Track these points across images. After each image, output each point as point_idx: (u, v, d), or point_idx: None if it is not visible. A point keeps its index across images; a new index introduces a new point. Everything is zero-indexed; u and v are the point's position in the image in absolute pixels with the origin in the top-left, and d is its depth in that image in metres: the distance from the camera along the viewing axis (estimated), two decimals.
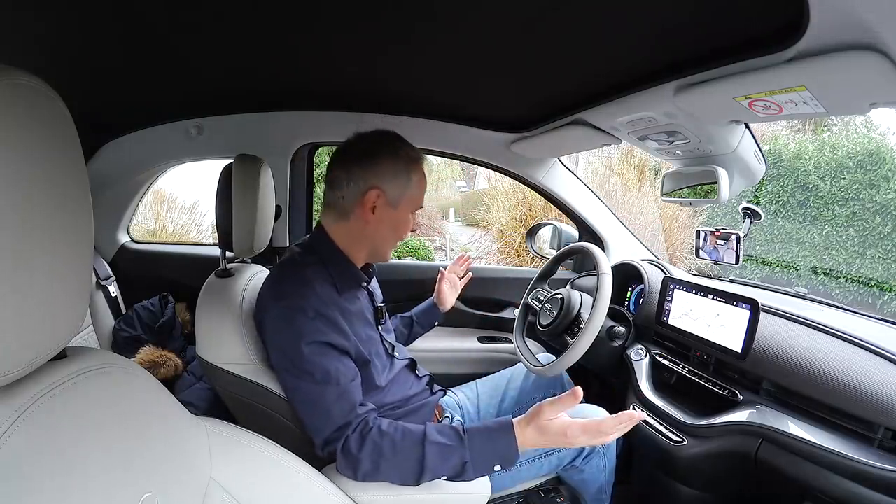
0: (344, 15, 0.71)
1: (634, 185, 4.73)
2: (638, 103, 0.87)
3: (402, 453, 0.73)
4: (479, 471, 0.74)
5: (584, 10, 0.62)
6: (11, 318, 0.36)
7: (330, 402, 0.75)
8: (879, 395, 0.73)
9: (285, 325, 0.77)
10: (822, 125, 5.81)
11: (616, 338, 1.18)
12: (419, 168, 0.88)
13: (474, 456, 0.73)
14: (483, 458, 0.73)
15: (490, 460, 0.74)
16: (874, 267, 4.22)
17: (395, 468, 0.73)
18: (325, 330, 0.77)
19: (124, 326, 1.51)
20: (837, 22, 0.47)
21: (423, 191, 0.90)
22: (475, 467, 0.73)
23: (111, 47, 0.86)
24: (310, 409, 0.77)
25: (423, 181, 0.89)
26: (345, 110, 1.39)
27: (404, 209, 0.87)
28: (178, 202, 4.49)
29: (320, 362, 0.76)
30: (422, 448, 0.73)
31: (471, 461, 0.73)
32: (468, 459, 0.72)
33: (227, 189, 0.95)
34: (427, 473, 0.73)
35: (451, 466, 0.73)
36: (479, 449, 0.73)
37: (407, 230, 0.90)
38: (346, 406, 0.76)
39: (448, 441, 0.74)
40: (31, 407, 0.39)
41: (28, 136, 0.36)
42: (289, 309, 0.77)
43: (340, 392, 0.76)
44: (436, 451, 0.73)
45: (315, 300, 0.78)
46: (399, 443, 0.74)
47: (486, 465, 0.74)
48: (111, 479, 0.42)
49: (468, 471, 0.73)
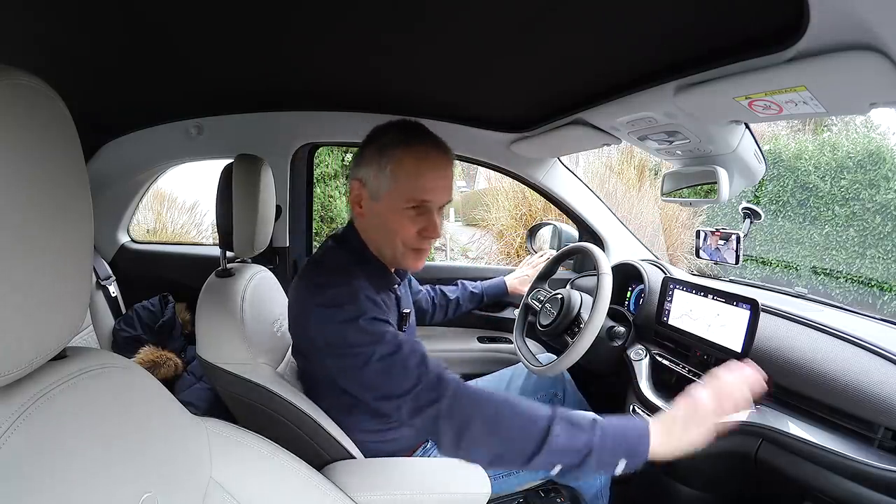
0: (344, 15, 0.71)
1: (634, 185, 4.73)
2: (638, 103, 0.87)
3: (525, 423, 0.64)
4: (602, 464, 0.64)
5: (584, 10, 0.62)
6: (11, 318, 0.36)
7: (406, 357, 0.68)
8: (879, 395, 0.73)
9: (335, 311, 0.72)
10: (822, 125, 5.80)
11: (616, 338, 1.18)
12: (402, 152, 0.76)
13: (603, 443, 0.64)
14: (611, 448, 0.64)
15: (617, 453, 0.64)
16: (874, 267, 4.22)
17: (510, 440, 0.64)
18: (376, 310, 0.74)
19: (124, 326, 1.51)
20: (837, 22, 0.47)
21: (421, 180, 0.77)
22: (598, 459, 0.64)
23: (111, 47, 0.86)
24: (383, 376, 0.68)
25: (414, 167, 0.76)
26: (345, 110, 1.39)
27: (388, 202, 0.78)
28: (178, 202, 4.49)
29: (382, 329, 0.71)
30: (549, 423, 0.64)
31: (597, 449, 0.63)
32: (595, 446, 0.63)
33: (227, 189, 0.95)
34: (545, 454, 0.63)
35: (575, 451, 0.63)
36: (609, 438, 0.64)
37: (405, 230, 0.79)
38: (429, 360, 0.69)
39: (579, 421, 0.65)
40: (31, 407, 0.39)
41: (28, 136, 0.36)
42: (337, 295, 0.73)
43: (412, 348, 0.70)
44: (564, 429, 0.64)
45: (361, 288, 0.75)
46: (525, 411, 0.65)
47: (611, 457, 0.64)
48: (111, 478, 0.42)
49: (589, 462, 0.63)
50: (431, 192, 0.78)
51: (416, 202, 0.77)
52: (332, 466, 0.81)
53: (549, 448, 0.63)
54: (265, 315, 0.97)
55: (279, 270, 1.47)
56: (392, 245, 0.81)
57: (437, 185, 0.78)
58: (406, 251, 0.81)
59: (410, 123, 0.81)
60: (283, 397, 0.84)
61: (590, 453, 0.63)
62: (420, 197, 0.77)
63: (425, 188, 0.77)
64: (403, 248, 0.81)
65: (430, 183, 0.77)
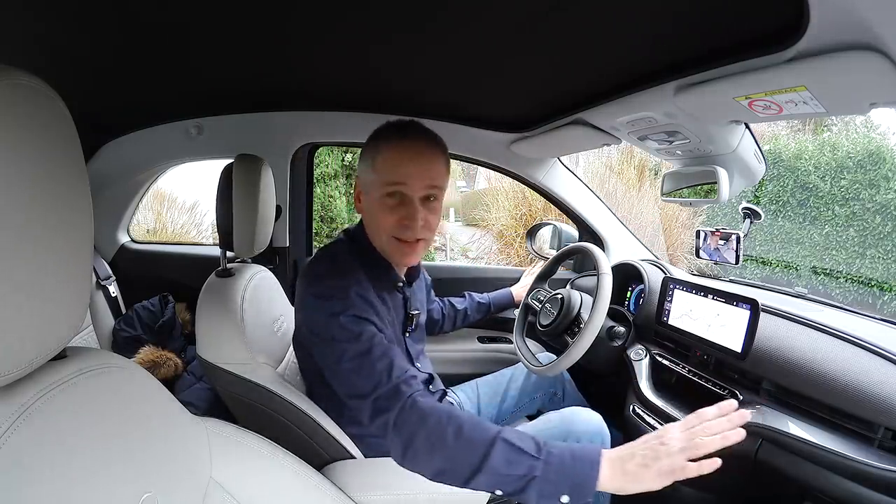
0: (344, 15, 0.71)
1: (634, 185, 4.74)
2: (638, 103, 0.87)
3: (467, 443, 0.63)
4: (544, 496, 0.60)
5: (584, 10, 0.62)
6: (12, 318, 0.36)
7: (374, 360, 0.69)
8: (879, 395, 0.73)
9: (326, 301, 0.75)
10: (822, 125, 5.81)
11: (616, 338, 1.18)
12: (385, 145, 0.79)
13: (546, 474, 0.60)
14: (555, 480, 0.60)
15: (560, 486, 0.60)
16: (874, 267, 4.22)
17: (451, 458, 0.63)
18: (364, 308, 0.76)
19: (124, 326, 1.51)
20: (837, 22, 0.47)
21: (400, 170, 0.77)
22: (540, 489, 0.60)
23: (111, 47, 0.86)
24: (352, 375, 0.70)
25: (394, 157, 0.78)
26: (345, 110, 1.39)
27: (373, 194, 0.80)
28: (178, 202, 4.49)
29: (360, 329, 0.73)
30: (491, 444, 0.62)
31: (540, 478, 0.60)
32: (537, 474, 0.60)
33: (227, 189, 0.95)
34: (482, 475, 0.61)
35: (515, 477, 0.61)
36: (554, 467, 0.61)
37: (385, 220, 0.79)
38: (395, 369, 0.69)
39: (522, 445, 0.62)
40: (32, 407, 0.39)
41: (28, 136, 0.36)
42: (331, 288, 0.76)
43: (384, 352, 0.71)
44: (504, 452, 0.62)
45: (356, 284, 0.77)
46: (467, 431, 0.63)
47: (554, 489, 0.60)
48: (111, 478, 0.42)
49: (530, 490, 0.60)
50: (407, 177, 0.77)
51: (391, 188, 0.78)
52: (332, 466, 0.82)
53: (488, 470, 0.61)
54: (265, 315, 0.97)
55: (279, 270, 1.47)
56: (378, 237, 0.83)
57: (413, 171, 0.78)
58: (391, 243, 0.82)
59: (404, 121, 0.82)
60: (283, 397, 0.84)
61: (531, 481, 0.60)
62: (394, 180, 0.78)
63: (400, 174, 0.77)
64: (387, 239, 0.82)
65: (407, 169, 0.77)
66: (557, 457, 0.62)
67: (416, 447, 0.64)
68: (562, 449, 0.63)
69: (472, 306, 1.35)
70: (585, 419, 1.01)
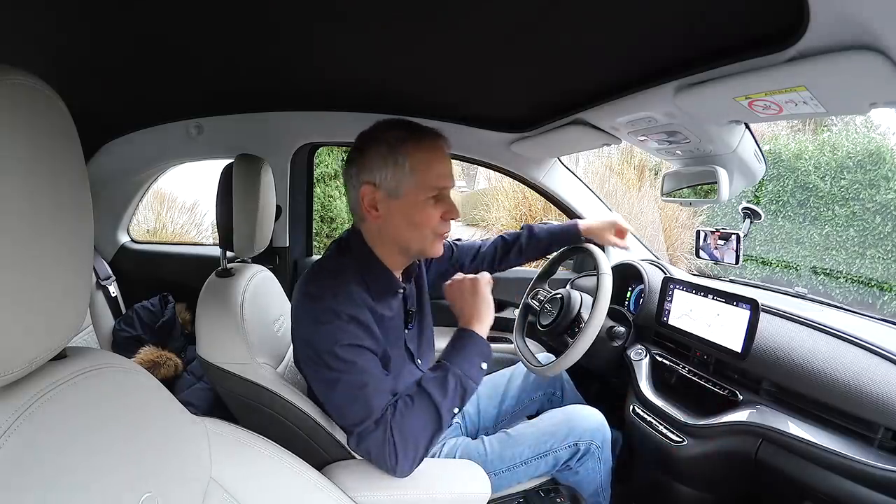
0: (344, 15, 0.71)
1: (634, 185, 4.74)
2: (638, 103, 0.87)
3: (417, 408, 0.77)
4: (473, 377, 0.81)
5: (584, 10, 0.62)
6: (12, 318, 0.36)
7: (370, 394, 0.75)
8: (879, 395, 0.73)
9: (319, 327, 0.76)
10: (822, 125, 5.80)
11: (616, 338, 1.18)
12: (413, 146, 0.79)
13: (462, 367, 0.81)
14: (468, 365, 0.81)
15: (473, 363, 0.82)
16: (874, 267, 4.22)
17: (420, 427, 0.76)
18: (358, 334, 0.76)
19: (124, 326, 1.52)
20: (837, 22, 0.47)
21: (435, 169, 0.80)
22: (468, 376, 0.81)
23: (111, 47, 0.86)
24: (349, 401, 0.76)
25: (428, 158, 0.79)
26: (345, 110, 1.39)
27: (411, 196, 0.79)
28: (178, 202, 4.49)
29: (356, 360, 0.76)
30: (425, 393, 0.78)
31: (462, 373, 0.80)
32: (458, 372, 0.80)
33: (227, 189, 0.95)
34: (443, 409, 0.77)
35: (453, 390, 0.79)
36: (460, 360, 0.81)
37: (431, 219, 0.82)
38: (384, 399, 0.77)
39: (437, 373, 0.80)
40: (31, 407, 0.39)
41: (28, 136, 0.36)
42: (323, 312, 0.76)
43: (377, 384, 0.77)
44: (435, 386, 0.78)
45: (349, 304, 0.77)
46: (410, 404, 0.77)
47: (473, 369, 0.82)
48: (111, 478, 0.42)
49: (467, 383, 0.80)
50: (446, 178, 0.82)
51: (438, 190, 0.81)
52: (332, 466, 0.81)
53: (440, 404, 0.77)
54: (265, 315, 0.97)
55: (279, 270, 1.47)
56: (421, 237, 0.84)
57: (448, 171, 0.83)
58: (434, 239, 0.85)
59: (403, 120, 0.83)
60: (283, 397, 0.84)
61: (460, 379, 0.80)
62: (440, 184, 0.81)
63: (441, 175, 0.81)
64: (432, 237, 0.84)
65: (444, 170, 0.82)
66: (454, 353, 0.83)
67: (406, 446, 0.75)
68: (449, 351, 0.84)
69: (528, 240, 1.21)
70: (587, 416, 1.01)
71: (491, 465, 0.93)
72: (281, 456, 0.64)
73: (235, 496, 0.57)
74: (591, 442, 0.98)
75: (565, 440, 0.97)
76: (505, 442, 0.98)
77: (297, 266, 1.61)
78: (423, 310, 1.00)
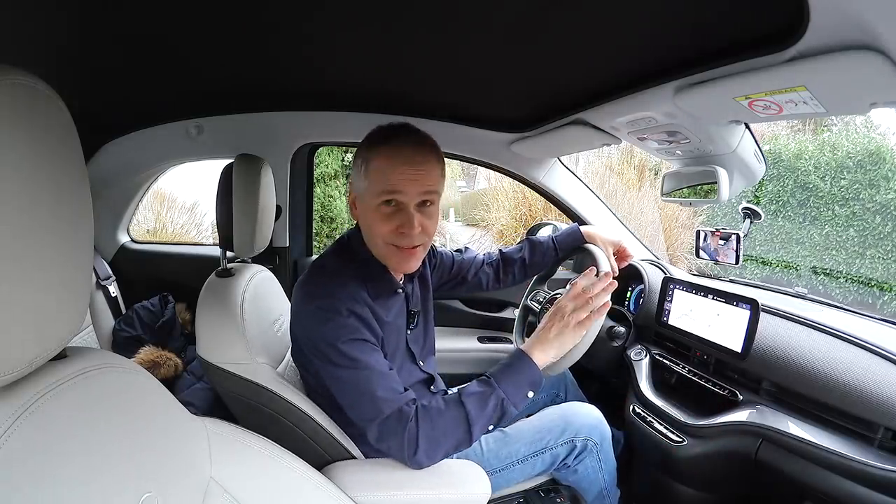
0: (344, 15, 0.71)
1: (634, 185, 4.74)
2: (638, 103, 0.87)
3: (449, 418, 0.76)
4: (516, 403, 0.78)
5: (584, 10, 0.62)
6: (12, 318, 0.36)
7: (376, 387, 0.75)
8: (879, 395, 0.73)
9: (320, 325, 0.77)
10: (822, 125, 5.80)
11: (616, 338, 1.18)
12: (375, 151, 0.77)
13: (508, 391, 0.78)
14: (515, 390, 0.78)
15: (521, 389, 0.79)
16: (874, 267, 4.22)
17: (448, 435, 0.76)
18: (359, 328, 0.77)
19: (124, 326, 1.52)
20: (837, 22, 0.47)
21: (388, 177, 0.76)
22: (512, 401, 0.78)
23: (111, 47, 0.86)
24: (357, 397, 0.77)
25: (383, 165, 0.76)
26: (345, 110, 1.39)
27: (367, 200, 0.78)
28: (178, 202, 4.49)
29: (359, 355, 0.76)
30: (462, 406, 0.77)
31: (506, 397, 0.77)
32: (504, 396, 0.77)
33: (227, 189, 0.95)
34: (475, 426, 0.76)
35: (492, 410, 0.77)
36: (508, 384, 0.78)
37: (379, 227, 0.78)
38: (393, 393, 0.76)
39: (481, 389, 0.78)
40: (32, 407, 0.39)
41: (28, 136, 0.36)
42: (322, 309, 0.77)
43: (384, 377, 0.77)
44: (475, 402, 0.77)
45: (348, 300, 0.78)
46: (444, 410, 0.77)
47: (519, 395, 0.79)
48: (111, 478, 0.42)
49: (508, 407, 0.78)
50: (401, 184, 0.76)
51: (386, 196, 0.77)
52: (333, 466, 0.81)
53: (475, 420, 0.76)
54: (265, 315, 0.97)
55: (279, 270, 1.47)
56: (375, 244, 0.82)
57: (407, 177, 0.76)
58: (388, 249, 0.81)
59: (394, 125, 0.81)
60: (283, 397, 0.84)
61: (502, 402, 0.77)
62: (388, 189, 0.76)
63: (393, 181, 0.76)
64: (384, 246, 0.80)
65: (400, 176, 0.76)
66: (503, 375, 0.79)
67: (424, 448, 0.75)
68: (501, 369, 0.80)
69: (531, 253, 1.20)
70: (584, 413, 1.01)
71: (487, 464, 0.93)
72: (281, 456, 0.64)
73: (235, 496, 0.57)
74: (588, 439, 0.98)
75: (561, 436, 0.97)
76: (501, 440, 0.98)
77: (297, 266, 1.61)
78: (427, 310, 1.00)
